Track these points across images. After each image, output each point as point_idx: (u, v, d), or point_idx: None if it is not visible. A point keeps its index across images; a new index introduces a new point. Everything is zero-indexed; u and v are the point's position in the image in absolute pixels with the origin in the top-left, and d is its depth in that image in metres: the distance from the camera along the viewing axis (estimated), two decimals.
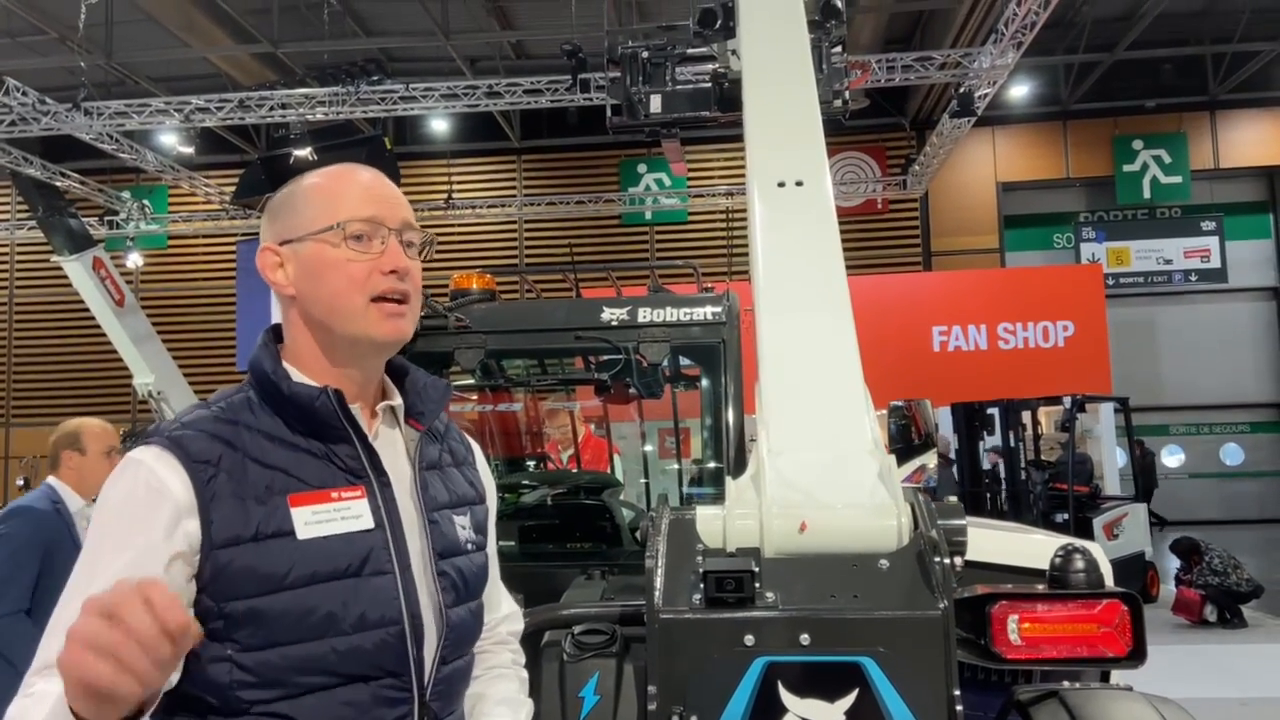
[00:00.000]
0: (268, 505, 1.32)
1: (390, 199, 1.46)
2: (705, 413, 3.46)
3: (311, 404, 1.38)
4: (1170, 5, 15.91)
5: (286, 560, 1.30)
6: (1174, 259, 19.39)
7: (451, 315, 3.35)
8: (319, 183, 1.47)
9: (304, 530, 1.32)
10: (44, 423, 19.44)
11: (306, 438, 1.39)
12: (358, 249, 1.41)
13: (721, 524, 2.16)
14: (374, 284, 1.40)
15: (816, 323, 2.60)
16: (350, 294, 1.40)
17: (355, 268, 1.40)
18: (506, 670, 1.67)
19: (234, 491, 1.31)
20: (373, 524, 1.38)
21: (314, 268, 1.42)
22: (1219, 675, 7.67)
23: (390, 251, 1.42)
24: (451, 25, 15.22)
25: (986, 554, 2.42)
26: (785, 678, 1.89)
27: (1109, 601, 2.01)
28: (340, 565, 1.33)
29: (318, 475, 1.37)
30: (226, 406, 1.40)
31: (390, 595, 1.37)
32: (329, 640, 1.31)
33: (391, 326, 1.42)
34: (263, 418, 1.39)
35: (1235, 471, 19.77)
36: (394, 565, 1.38)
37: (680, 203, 19.72)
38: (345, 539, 1.35)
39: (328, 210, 1.42)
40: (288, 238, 1.45)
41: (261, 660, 1.29)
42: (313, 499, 1.34)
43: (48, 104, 13.74)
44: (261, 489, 1.32)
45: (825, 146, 3.09)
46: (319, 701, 1.32)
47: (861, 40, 15.59)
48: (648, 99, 4.98)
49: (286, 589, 1.29)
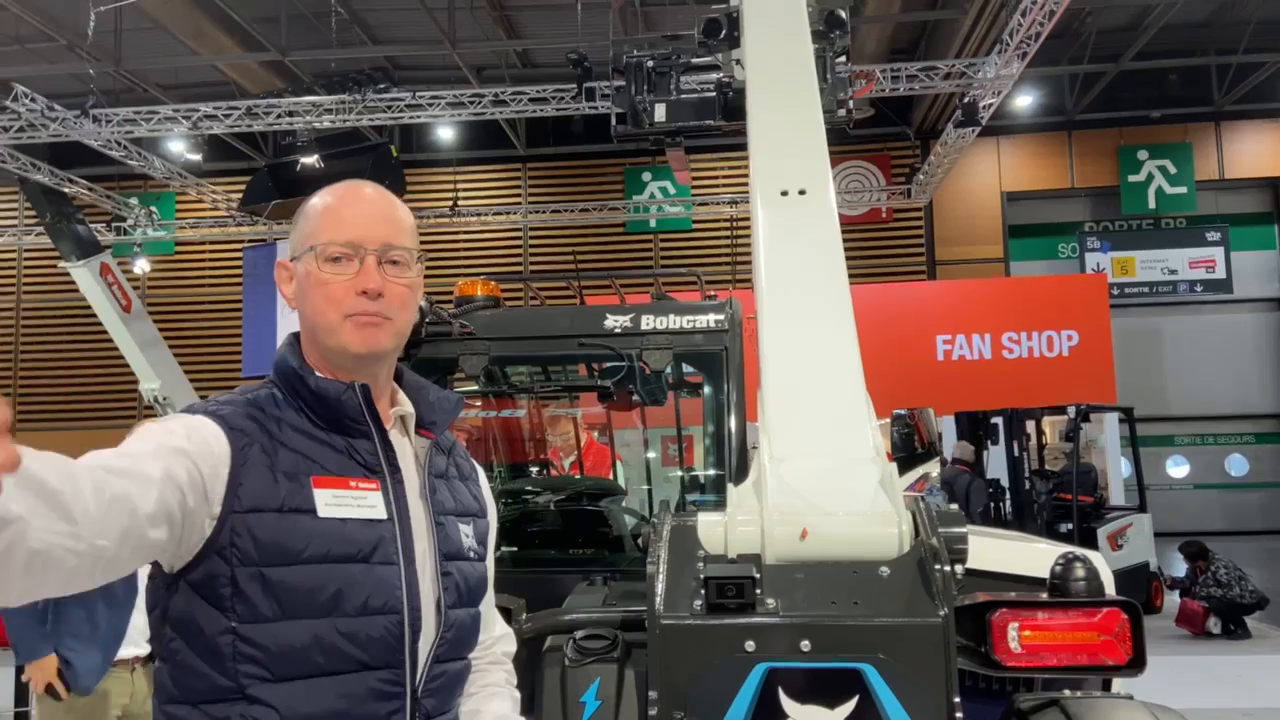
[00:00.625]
0: (295, 482, 1.38)
1: (374, 219, 1.50)
2: (707, 420, 3.47)
3: (338, 398, 1.44)
4: (1175, 16, 15.93)
5: (304, 536, 1.35)
6: (1179, 269, 19.37)
7: (456, 321, 3.37)
8: (316, 204, 1.54)
9: (324, 510, 1.38)
10: (51, 428, 19.52)
11: (329, 432, 1.45)
12: (334, 270, 1.47)
13: (723, 530, 2.17)
14: (349, 303, 1.46)
15: (819, 331, 2.62)
16: (326, 310, 1.47)
17: (333, 288, 1.46)
18: (500, 689, 1.70)
19: (265, 464, 1.37)
20: (385, 515, 1.44)
21: (304, 285, 1.50)
22: (1223, 686, 7.65)
23: (364, 272, 1.46)
24: (458, 34, 15.30)
25: (988, 562, 2.42)
26: (786, 684, 1.90)
27: (1109, 610, 2.01)
28: (352, 549, 1.39)
29: (338, 466, 1.43)
30: (253, 399, 1.46)
31: (394, 585, 1.41)
32: (332, 619, 1.35)
33: (363, 337, 1.46)
34: (287, 412, 1.45)
35: (1240, 483, 19.71)
36: (400, 557, 1.43)
37: (684, 211, 19.75)
38: (360, 524, 1.41)
39: (315, 232, 1.49)
40: (292, 254, 1.54)
41: (264, 632, 1.32)
42: (334, 483, 1.41)
43: (56, 110, 13.81)
44: (289, 466, 1.39)
45: (829, 155, 3.11)
46: (314, 689, 1.35)
47: (867, 49, 15.63)
48: (652, 108, 5.01)
49: (301, 563, 1.34)
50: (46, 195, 13.26)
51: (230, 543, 1.33)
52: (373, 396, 1.50)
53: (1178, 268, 19.37)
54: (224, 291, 20.24)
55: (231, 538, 1.33)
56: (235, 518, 1.33)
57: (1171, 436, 19.67)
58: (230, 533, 1.33)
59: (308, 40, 15.45)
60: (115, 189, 18.82)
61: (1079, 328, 15.27)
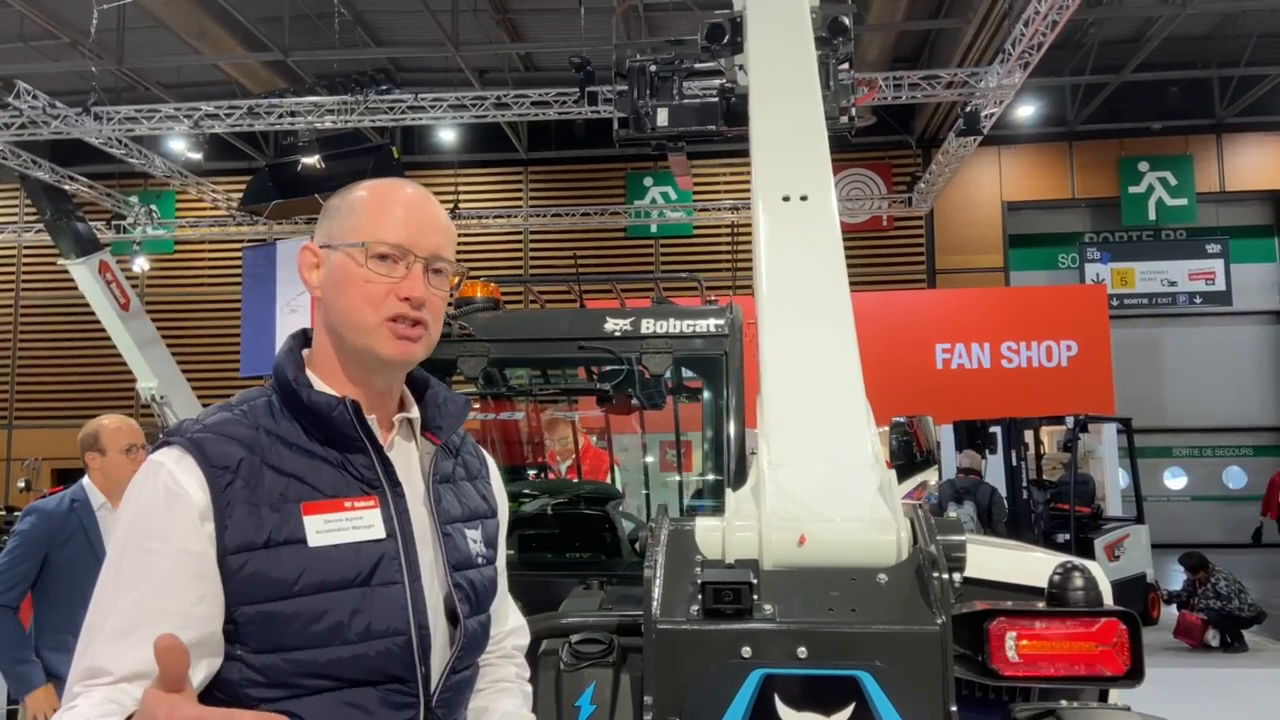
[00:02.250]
0: (281, 512, 1.34)
1: (427, 226, 1.47)
2: (706, 425, 3.46)
3: (329, 413, 1.40)
4: (1178, 28, 15.96)
5: (296, 567, 1.32)
6: (1178, 281, 19.37)
7: (456, 323, 3.36)
8: (364, 196, 1.48)
9: (315, 538, 1.34)
10: (47, 425, 19.50)
11: (324, 445, 1.41)
12: (380, 270, 1.42)
13: (721, 535, 2.16)
14: (389, 306, 1.42)
15: (819, 337, 2.61)
16: (364, 309, 1.42)
17: (374, 287, 1.42)
18: (510, 684, 1.68)
19: (248, 498, 1.33)
20: (384, 534, 1.39)
21: (338, 277, 1.44)
22: (1220, 699, 7.63)
23: (411, 279, 1.43)
24: (461, 37, 15.30)
25: (986, 571, 2.41)
26: (782, 690, 1.89)
27: (1107, 620, 2.01)
28: (349, 574, 1.35)
29: (332, 484, 1.39)
30: (248, 410, 1.42)
31: (398, 605, 1.38)
32: (334, 648, 1.33)
33: (399, 348, 1.43)
34: (282, 423, 1.41)
35: (1237, 495, 19.70)
36: (404, 576, 1.40)
37: (686, 216, 19.76)
38: (355, 548, 1.36)
39: (362, 227, 1.44)
40: (325, 243, 1.48)
41: (268, 663, 1.32)
42: (326, 508, 1.36)
43: (58, 108, 13.82)
44: (276, 496, 1.35)
45: (831, 162, 3.11)
46: (325, 702, 1.34)
47: (869, 57, 15.64)
48: (655, 112, 5.00)
49: (295, 595, 1.31)
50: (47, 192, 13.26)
51: (224, 584, 1.31)
52: (382, 403, 1.48)
53: (1177, 279, 19.38)
54: (223, 291, 20.23)
55: (224, 579, 1.31)
56: (225, 559, 1.31)
57: (1170, 448, 19.67)
58: (222, 573, 1.31)
59: (310, 41, 15.46)
60: (115, 187, 18.83)
61: (1078, 338, 15.28)
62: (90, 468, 3.86)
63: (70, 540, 3.71)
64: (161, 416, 12.71)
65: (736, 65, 4.18)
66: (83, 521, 3.74)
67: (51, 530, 3.71)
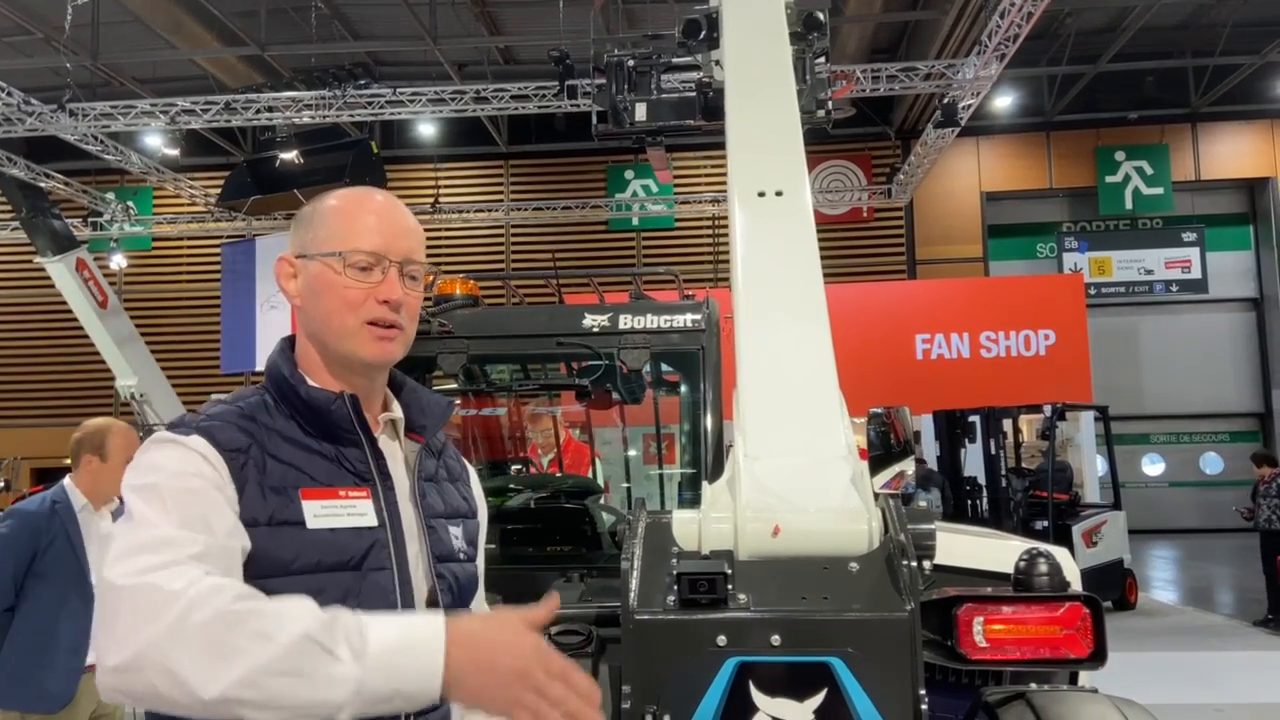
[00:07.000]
0: (283, 495, 1.40)
1: (399, 232, 1.53)
2: (684, 418, 3.50)
3: (328, 408, 1.47)
4: (1153, 19, 16.10)
5: (294, 547, 1.38)
6: (1155, 269, 19.57)
7: (434, 320, 3.38)
8: (338, 206, 1.54)
9: (313, 521, 1.40)
10: (25, 424, 19.34)
11: (319, 440, 1.47)
12: (358, 278, 1.48)
13: (697, 527, 2.20)
14: (368, 309, 1.48)
15: (794, 331, 2.65)
16: (344, 314, 1.48)
17: (352, 293, 1.48)
18: None
19: (256, 479, 1.39)
20: (376, 522, 1.46)
21: (317, 286, 1.50)
22: (1196, 682, 7.75)
23: (388, 283, 1.49)
24: (440, 30, 15.25)
25: (957, 558, 2.47)
26: (757, 677, 1.93)
27: (1071, 604, 2.06)
28: (343, 558, 1.41)
29: (327, 475, 1.45)
30: (245, 406, 1.48)
31: (387, 590, 1.44)
32: None
33: (379, 349, 1.49)
34: (279, 419, 1.47)
35: (1214, 480, 19.95)
36: (392, 563, 1.46)
37: (667, 209, 19.78)
38: (350, 533, 1.43)
39: (338, 236, 1.50)
40: (301, 253, 1.53)
41: None
42: (322, 494, 1.43)
43: (33, 104, 13.68)
44: (277, 480, 1.41)
45: (805, 157, 3.14)
46: None
47: (848, 49, 15.70)
48: (633, 107, 5.03)
49: (292, 574, 1.37)
50: (22, 189, 13.17)
51: None
52: (366, 402, 1.53)
53: (1154, 268, 19.58)
54: (202, 287, 20.11)
55: None
56: None
57: (1147, 435, 19.89)
58: None
59: (287, 35, 15.37)
60: (92, 184, 18.66)
61: (1056, 327, 15.43)
62: (83, 469, 3.76)
63: (53, 543, 3.67)
64: (141, 414, 12.65)
65: (713, 61, 4.20)
66: (64, 524, 3.71)
67: (35, 534, 3.65)
